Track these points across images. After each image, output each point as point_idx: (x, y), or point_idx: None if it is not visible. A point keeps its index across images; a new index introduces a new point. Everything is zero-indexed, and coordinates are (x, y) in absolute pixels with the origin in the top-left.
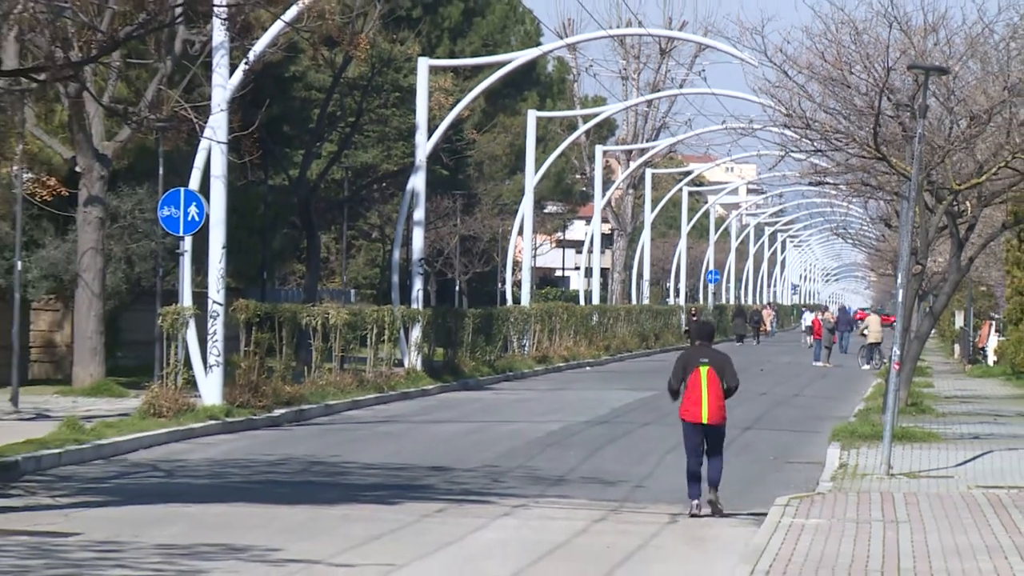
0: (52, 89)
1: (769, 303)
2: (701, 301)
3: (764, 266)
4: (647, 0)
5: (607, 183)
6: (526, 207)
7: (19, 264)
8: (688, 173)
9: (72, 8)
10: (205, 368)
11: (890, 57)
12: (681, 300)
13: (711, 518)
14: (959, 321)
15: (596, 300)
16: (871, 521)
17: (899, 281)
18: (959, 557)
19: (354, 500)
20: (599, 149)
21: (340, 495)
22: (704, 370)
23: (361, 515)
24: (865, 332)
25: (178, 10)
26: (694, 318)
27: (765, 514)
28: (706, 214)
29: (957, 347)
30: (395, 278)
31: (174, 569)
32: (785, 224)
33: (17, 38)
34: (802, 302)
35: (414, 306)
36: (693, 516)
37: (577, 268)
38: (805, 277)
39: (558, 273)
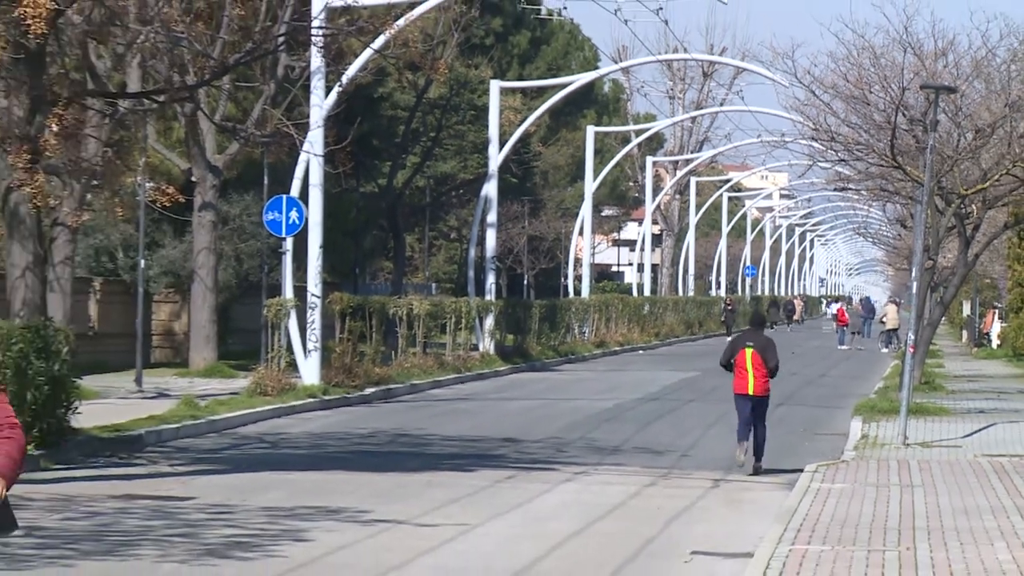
0: (170, 109)
1: (799, 294)
2: (739, 293)
3: (795, 262)
4: (691, 29)
5: (656, 189)
6: (586, 211)
7: (143, 262)
8: (727, 181)
9: (187, 38)
10: (304, 352)
11: (904, 78)
12: (722, 292)
13: (749, 481)
14: (966, 309)
15: (647, 292)
16: (889, 485)
17: (913, 275)
18: (967, 516)
19: (435, 468)
20: (649, 160)
21: (423, 463)
22: (748, 352)
23: (442, 481)
24: (884, 320)
25: (280, 40)
26: (729, 307)
27: (801, 470)
28: (743, 216)
29: (965, 332)
30: (471, 273)
31: (277, 528)
32: (813, 224)
33: (140, 64)
34: (828, 294)
35: (487, 298)
36: (741, 460)
37: (630, 264)
38: (831, 271)
39: (614, 268)
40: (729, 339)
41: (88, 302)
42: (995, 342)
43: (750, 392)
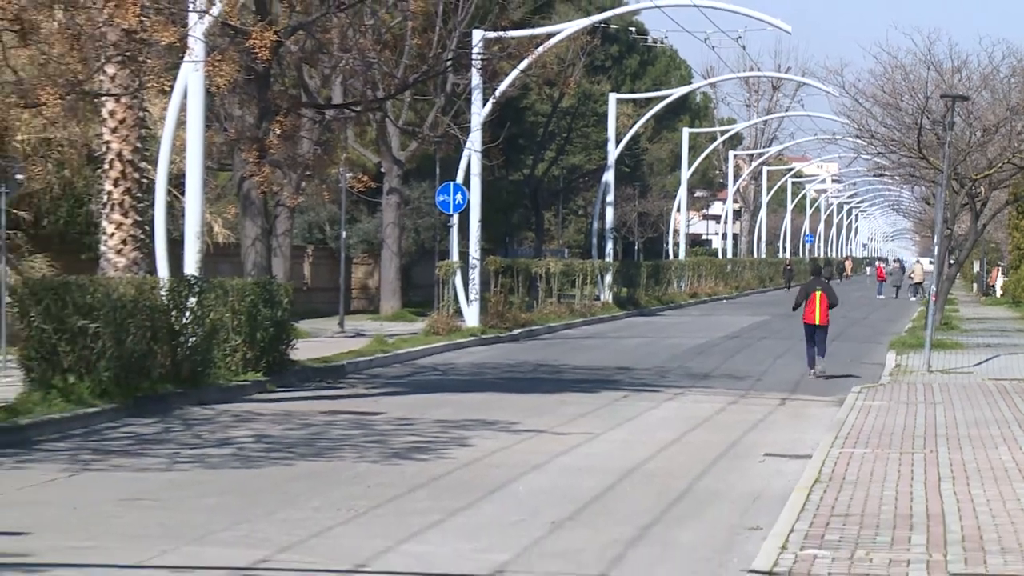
0: (365, 117)
1: (848, 256)
2: (800, 255)
3: (843, 231)
4: (763, 52)
5: (736, 176)
6: (682, 193)
7: (344, 234)
8: (791, 169)
9: (378, 62)
10: (467, 302)
11: (928, 89)
12: (787, 255)
13: (808, 399)
14: (976, 267)
15: (729, 255)
16: (917, 403)
17: (935, 240)
18: (976, 426)
19: (567, 390)
20: (731, 153)
21: (557, 387)
22: (817, 293)
23: (572, 400)
24: (912, 275)
25: (448, 63)
26: (788, 267)
27: (857, 386)
28: (803, 196)
29: (975, 285)
30: (595, 241)
31: (447, 436)
32: (857, 202)
33: (341, 83)
34: (869, 256)
35: (607, 260)
36: (811, 377)
37: (716, 233)
38: (871, 238)
39: (704, 237)
40: (800, 287)
41: (303, 264)
42: (998, 292)
43: (817, 322)
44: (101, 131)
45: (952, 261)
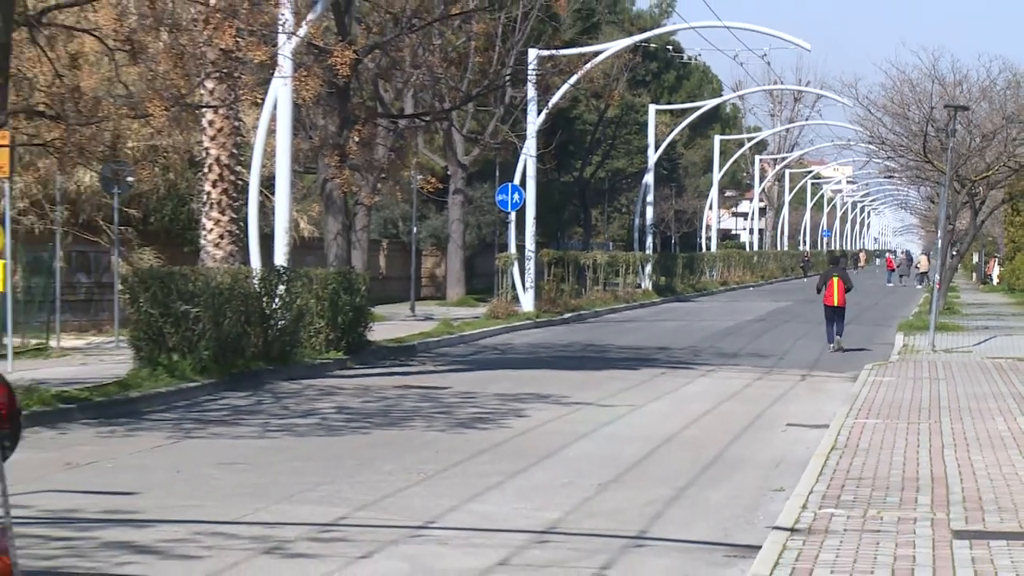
0: (433, 125)
1: (862, 249)
2: (818, 248)
3: (857, 226)
4: (786, 67)
5: (762, 178)
6: (713, 193)
7: (415, 229)
8: (810, 171)
9: (444, 77)
10: (523, 289)
11: (932, 100)
12: (807, 248)
13: (825, 376)
14: (975, 258)
15: (756, 248)
16: (922, 379)
17: (939, 234)
18: (976, 399)
19: (611, 367)
20: (757, 158)
21: (603, 364)
22: (835, 279)
23: (616, 376)
24: (918, 266)
25: (507, 78)
26: (807, 259)
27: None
28: (821, 195)
29: (974, 274)
30: (636, 235)
31: (506, 407)
32: (869, 200)
33: (412, 96)
34: (880, 248)
35: (647, 252)
36: (831, 351)
37: (744, 229)
38: (881, 232)
39: (733, 232)
40: (820, 275)
41: (379, 256)
42: (995, 281)
43: (835, 303)
44: (201, 139)
45: (954, 253)
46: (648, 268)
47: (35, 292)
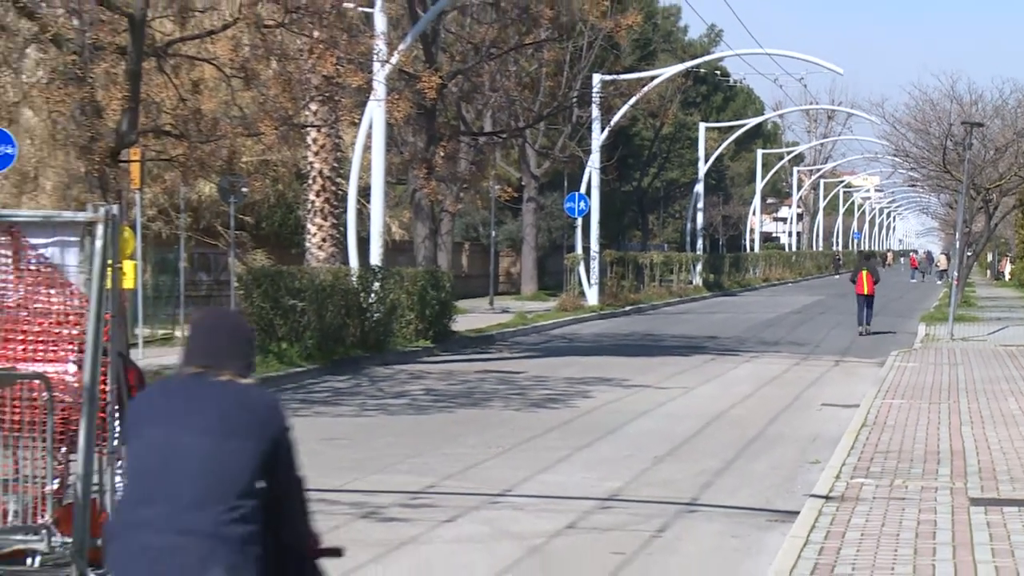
0: (510, 142)
1: (889, 249)
2: (849, 248)
3: (883, 230)
4: (821, 88)
5: (799, 187)
6: (756, 200)
7: (493, 232)
8: (842, 181)
9: (519, 99)
10: (589, 285)
11: (951, 118)
12: (838, 249)
13: (856, 361)
14: (989, 257)
15: (794, 248)
16: (942, 364)
17: (957, 236)
18: (990, 382)
19: (667, 354)
20: (795, 169)
21: (659, 351)
22: (865, 273)
23: (670, 362)
24: (938, 264)
25: (574, 100)
26: (837, 258)
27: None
28: (852, 202)
29: (988, 271)
30: (688, 237)
31: (573, 389)
32: (895, 207)
33: (491, 115)
34: (904, 249)
35: (698, 252)
36: (860, 333)
37: (784, 232)
38: (905, 235)
39: (773, 234)
40: (854, 269)
41: (461, 256)
42: (1007, 277)
43: (865, 292)
44: (306, 154)
45: (970, 253)
46: (699, 267)
47: (162, 289)
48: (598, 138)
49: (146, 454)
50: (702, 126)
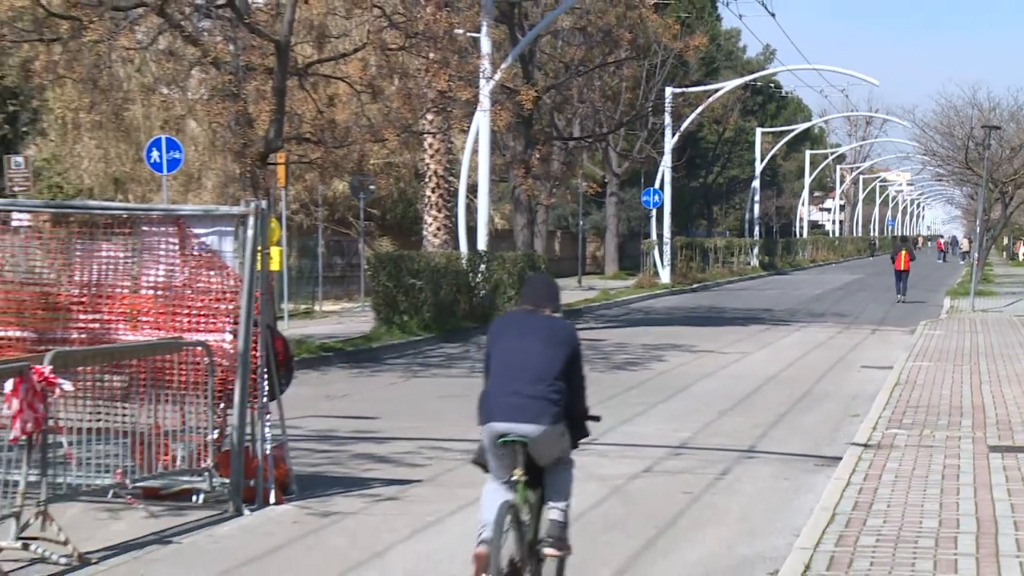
0: (595, 145)
1: (919, 234)
2: (884, 234)
3: (914, 218)
4: (860, 98)
5: (841, 181)
6: (804, 194)
7: (581, 222)
8: (878, 177)
9: (602, 109)
10: (662, 266)
11: (972, 122)
12: (875, 234)
13: (890, 329)
14: (1005, 241)
15: (837, 234)
16: (964, 332)
17: (977, 223)
18: (1006, 347)
19: (728, 324)
20: (838, 167)
21: (722, 322)
22: (903, 252)
23: (731, 330)
24: (961, 246)
25: (649, 109)
26: (873, 242)
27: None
28: (887, 194)
29: (1004, 253)
30: (746, 225)
31: (649, 354)
32: (923, 197)
33: (579, 123)
34: (931, 234)
35: (755, 238)
36: (898, 301)
37: (829, 220)
38: (933, 222)
39: (820, 223)
40: (892, 249)
41: (554, 242)
42: (1021, 258)
43: (902, 268)
44: (423, 157)
45: (988, 237)
46: (755, 250)
47: (304, 270)
48: (670, 141)
49: (505, 353)
50: (758, 131)
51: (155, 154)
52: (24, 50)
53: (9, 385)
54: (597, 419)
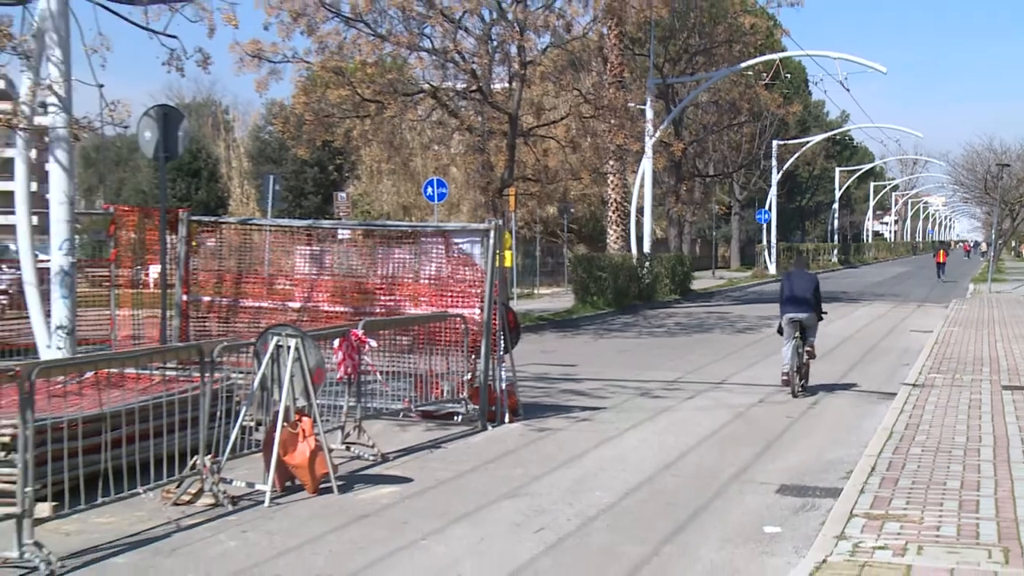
0: (724, 180)
1: (952, 240)
2: (926, 240)
3: (946, 228)
4: (909, 145)
5: (895, 203)
6: (869, 213)
7: (714, 233)
8: (921, 200)
9: (729, 156)
10: (770, 262)
11: (989, 161)
12: (920, 240)
13: (930, 304)
14: (1014, 243)
15: (892, 240)
16: (985, 307)
17: (993, 232)
18: (1016, 317)
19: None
20: (893, 194)
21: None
22: (941, 250)
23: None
24: (982, 248)
25: (762, 154)
26: (916, 245)
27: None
28: (928, 213)
29: (1013, 252)
30: (829, 235)
31: (762, 322)
32: (954, 214)
33: (712, 165)
34: (959, 240)
35: (834, 242)
36: (939, 282)
37: (887, 230)
38: (961, 231)
39: (880, 232)
40: (934, 249)
41: (696, 247)
42: None
43: (941, 260)
44: (607, 189)
45: (1001, 241)
46: (835, 252)
47: (527, 266)
48: (775, 177)
49: (789, 288)
50: (837, 170)
51: (429, 190)
52: (346, 124)
53: (336, 343)
54: (826, 314)
